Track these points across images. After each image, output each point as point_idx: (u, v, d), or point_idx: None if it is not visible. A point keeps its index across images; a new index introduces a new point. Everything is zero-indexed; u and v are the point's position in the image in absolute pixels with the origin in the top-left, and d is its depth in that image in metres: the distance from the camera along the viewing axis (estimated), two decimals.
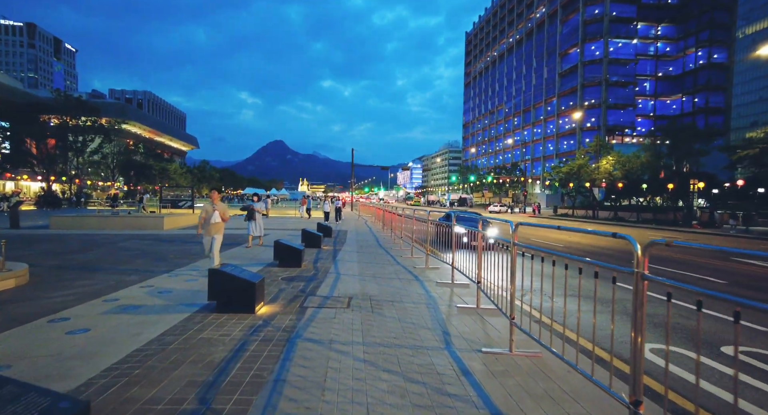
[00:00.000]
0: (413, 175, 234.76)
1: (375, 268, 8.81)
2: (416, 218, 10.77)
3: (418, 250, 11.15)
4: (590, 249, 14.50)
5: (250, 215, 11.88)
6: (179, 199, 30.57)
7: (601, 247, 15.10)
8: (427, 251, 9.13)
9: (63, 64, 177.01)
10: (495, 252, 5.01)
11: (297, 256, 8.46)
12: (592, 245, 15.57)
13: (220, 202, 8.09)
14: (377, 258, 10.30)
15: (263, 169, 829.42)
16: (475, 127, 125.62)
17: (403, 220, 13.09)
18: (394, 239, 14.57)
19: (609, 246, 15.29)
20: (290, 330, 4.52)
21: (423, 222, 9.99)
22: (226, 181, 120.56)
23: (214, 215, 7.80)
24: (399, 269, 8.84)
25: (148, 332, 4.34)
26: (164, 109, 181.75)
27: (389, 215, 17.09)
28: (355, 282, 7.23)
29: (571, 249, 14.13)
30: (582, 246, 15.24)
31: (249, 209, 12.02)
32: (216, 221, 7.79)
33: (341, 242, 13.72)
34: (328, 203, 26.09)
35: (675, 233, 25.75)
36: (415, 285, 7.18)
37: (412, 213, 10.94)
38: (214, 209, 7.84)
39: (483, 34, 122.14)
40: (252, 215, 11.85)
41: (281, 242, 8.57)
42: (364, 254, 11.02)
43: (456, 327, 4.83)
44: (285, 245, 8.51)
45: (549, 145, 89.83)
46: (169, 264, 8.83)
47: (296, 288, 6.63)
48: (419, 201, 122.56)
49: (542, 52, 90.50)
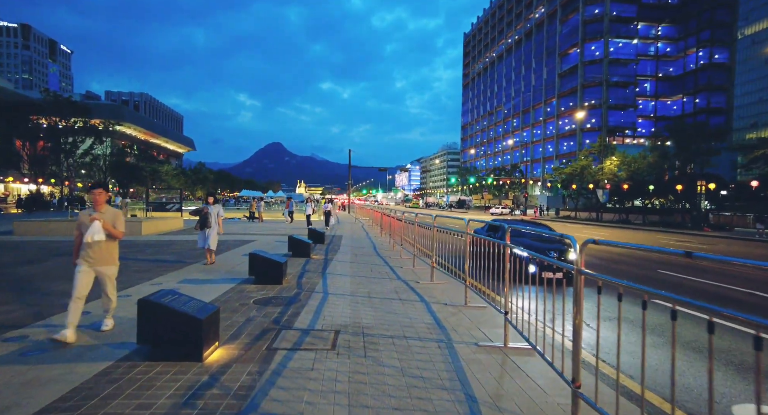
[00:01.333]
0: (411, 177, 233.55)
1: (371, 284, 7.41)
2: (419, 224, 9.35)
3: (419, 259, 9.76)
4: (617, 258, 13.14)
5: (202, 222, 8.95)
6: (167, 201, 29.12)
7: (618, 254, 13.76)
8: (432, 264, 7.73)
9: (58, 66, 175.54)
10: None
11: (277, 270, 7.03)
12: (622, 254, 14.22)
13: (109, 207, 4.68)
14: (374, 270, 8.90)
15: (261, 171, 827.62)
16: (474, 129, 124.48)
17: (403, 225, 11.64)
18: (393, 245, 13.18)
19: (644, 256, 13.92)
20: (245, 394, 3.11)
21: (426, 228, 8.62)
22: (222, 183, 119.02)
23: (93, 227, 4.37)
24: (399, 285, 7.44)
25: (32, 400, 2.93)
26: (161, 111, 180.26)
27: (387, 219, 15.71)
28: (345, 305, 5.81)
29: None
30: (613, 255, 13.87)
31: (201, 213, 9.08)
32: (99, 239, 4.41)
33: (334, 250, 12.29)
34: (311, 205, 22.95)
35: (686, 237, 24.41)
36: (419, 309, 5.79)
37: (414, 217, 9.52)
38: (93, 218, 4.42)
39: (481, 35, 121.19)
40: (205, 222, 8.91)
41: (258, 254, 7.12)
42: (360, 264, 9.61)
43: (483, 383, 3.44)
44: (262, 258, 7.07)
45: (549, 146, 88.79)
46: (126, 279, 7.39)
47: (269, 316, 5.19)
48: (418, 203, 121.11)
49: (541, 52, 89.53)
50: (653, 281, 9.23)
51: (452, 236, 7.14)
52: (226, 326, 4.68)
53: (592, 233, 23.95)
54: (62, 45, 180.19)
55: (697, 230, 29.48)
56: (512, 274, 4.27)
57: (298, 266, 9.19)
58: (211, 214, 9.01)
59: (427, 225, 8.47)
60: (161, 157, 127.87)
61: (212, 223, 8.96)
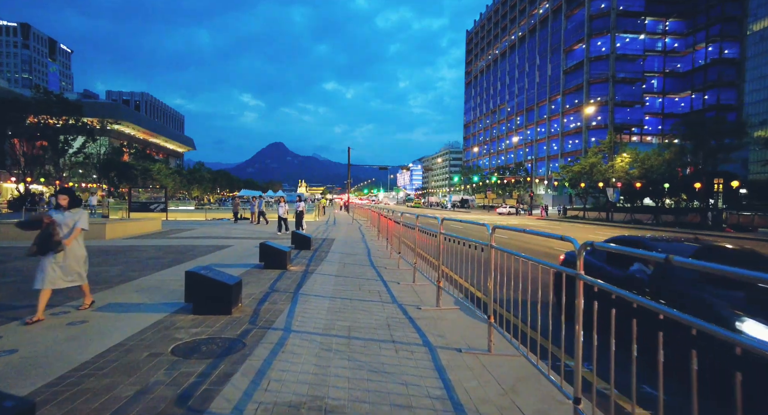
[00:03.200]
0: (413, 176, 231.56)
1: (356, 311, 5.48)
2: (422, 228, 7.39)
3: (421, 272, 7.83)
4: None
5: (42, 242, 4.78)
6: (151, 201, 27.20)
7: None
8: (439, 282, 5.80)
9: (58, 65, 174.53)
10: None
11: (224, 295, 5.09)
12: None
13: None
14: (363, 287, 6.96)
15: (263, 171, 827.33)
16: (477, 127, 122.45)
17: (401, 229, 9.64)
18: (391, 252, 11.23)
19: None
20: None
21: (431, 235, 6.69)
22: (221, 182, 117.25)
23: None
24: (393, 312, 5.51)
25: None
26: (162, 111, 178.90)
27: (384, 220, 13.78)
28: (309, 356, 3.86)
29: None
30: None
31: (37, 224, 4.97)
32: None
33: (320, 259, 10.34)
34: (283, 206, 18.22)
35: (711, 239, 22.37)
36: (421, 360, 3.85)
37: (415, 219, 7.58)
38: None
39: (484, 32, 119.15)
40: (47, 242, 4.79)
41: (197, 273, 5.15)
42: (347, 279, 7.67)
43: None
44: (203, 279, 5.10)
45: (553, 144, 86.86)
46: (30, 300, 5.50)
47: (179, 384, 3.23)
48: (419, 202, 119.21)
49: (546, 48, 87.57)
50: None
51: (467, 248, 5.20)
52: (94, 411, 2.77)
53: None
54: (62, 44, 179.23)
55: (718, 231, 27.51)
56: None
57: (267, 282, 7.25)
58: (60, 226, 5.03)
59: (431, 231, 6.56)
60: (160, 157, 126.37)
61: (62, 241, 4.90)
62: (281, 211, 17.96)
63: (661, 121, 78.14)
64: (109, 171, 51.03)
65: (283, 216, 17.95)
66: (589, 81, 75.60)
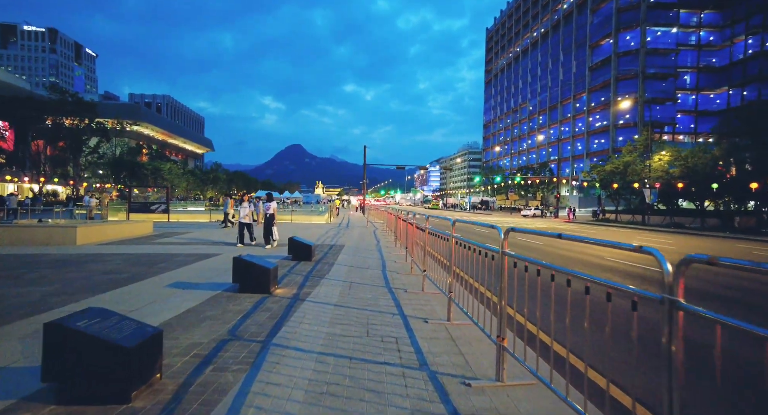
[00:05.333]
0: (431, 177, 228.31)
1: (357, 392, 3.15)
2: (459, 240, 4.96)
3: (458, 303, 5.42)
4: None
5: None
6: (152, 202, 25.41)
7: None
8: (502, 340, 3.43)
9: (83, 69, 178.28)
10: None
11: (118, 366, 2.82)
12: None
13: None
14: (373, 330, 4.56)
15: (281, 172, 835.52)
16: (497, 127, 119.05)
17: (426, 238, 7.16)
18: (412, 266, 8.86)
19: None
20: None
21: (478, 253, 4.29)
22: (238, 183, 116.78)
23: None
24: (424, 392, 3.17)
25: None
26: (183, 113, 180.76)
27: (402, 224, 11.45)
28: None
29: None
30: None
31: None
32: None
33: (320, 275, 8.03)
34: (246, 208, 12.83)
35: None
36: None
37: (451, 226, 5.19)
38: None
39: (505, 30, 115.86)
40: None
41: (72, 330, 2.79)
42: (350, 314, 5.31)
43: None
44: (84, 339, 2.77)
45: (578, 144, 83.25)
46: None
47: None
48: (437, 204, 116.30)
49: (570, 44, 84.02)
50: None
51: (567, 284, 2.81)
52: None
53: (699, 245, 19.02)
54: (87, 48, 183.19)
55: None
56: None
57: (231, 318, 4.91)
58: None
59: (483, 248, 4.19)
60: (179, 157, 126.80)
61: None
62: (243, 213, 12.71)
63: (693, 120, 73.91)
64: (120, 171, 49.99)
65: (244, 221, 12.68)
66: (617, 77, 71.94)
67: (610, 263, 11.31)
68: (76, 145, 50.57)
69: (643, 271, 10.02)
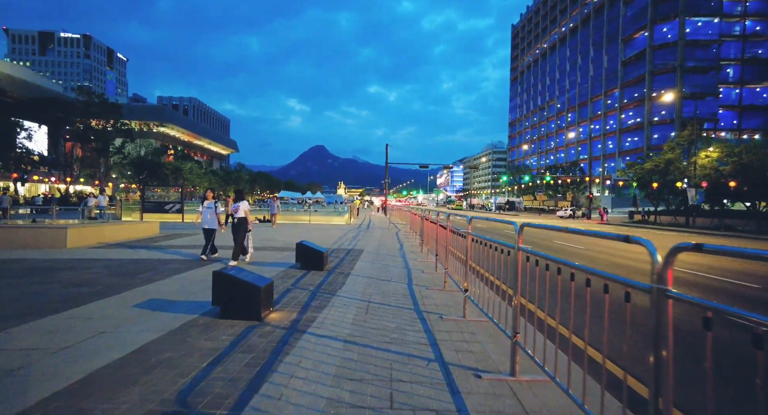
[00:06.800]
0: (454, 177, 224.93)
1: None
2: (524, 251, 3.32)
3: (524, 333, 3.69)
4: None
5: None
6: (166, 202, 24.58)
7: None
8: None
9: (115, 73, 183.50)
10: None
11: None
12: None
13: None
14: (397, 401, 3.01)
15: (305, 173, 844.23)
16: (523, 126, 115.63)
17: (469, 245, 5.31)
18: (446, 279, 7.22)
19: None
20: None
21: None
22: (260, 184, 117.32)
23: None
24: None
25: None
26: (208, 115, 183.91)
27: (431, 227, 9.85)
28: None
29: None
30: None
31: None
32: None
33: (331, 290, 6.51)
34: (210, 209, 9.91)
35: None
36: None
37: (501, 228, 3.59)
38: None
39: (531, 26, 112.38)
40: None
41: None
42: (365, 354, 3.79)
43: None
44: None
45: (609, 142, 79.49)
46: None
47: None
48: (461, 205, 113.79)
49: (601, 39, 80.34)
50: None
51: None
52: None
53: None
54: (119, 53, 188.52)
55: None
56: None
57: (195, 364, 3.46)
58: None
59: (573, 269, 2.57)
60: (204, 158, 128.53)
61: None
62: (207, 216, 9.83)
63: (737, 115, 69.19)
64: (142, 171, 50.10)
65: (210, 226, 9.78)
66: (653, 72, 68.07)
67: (645, 266, 9.44)
68: (103, 146, 51.02)
69: (685, 275, 8.11)
